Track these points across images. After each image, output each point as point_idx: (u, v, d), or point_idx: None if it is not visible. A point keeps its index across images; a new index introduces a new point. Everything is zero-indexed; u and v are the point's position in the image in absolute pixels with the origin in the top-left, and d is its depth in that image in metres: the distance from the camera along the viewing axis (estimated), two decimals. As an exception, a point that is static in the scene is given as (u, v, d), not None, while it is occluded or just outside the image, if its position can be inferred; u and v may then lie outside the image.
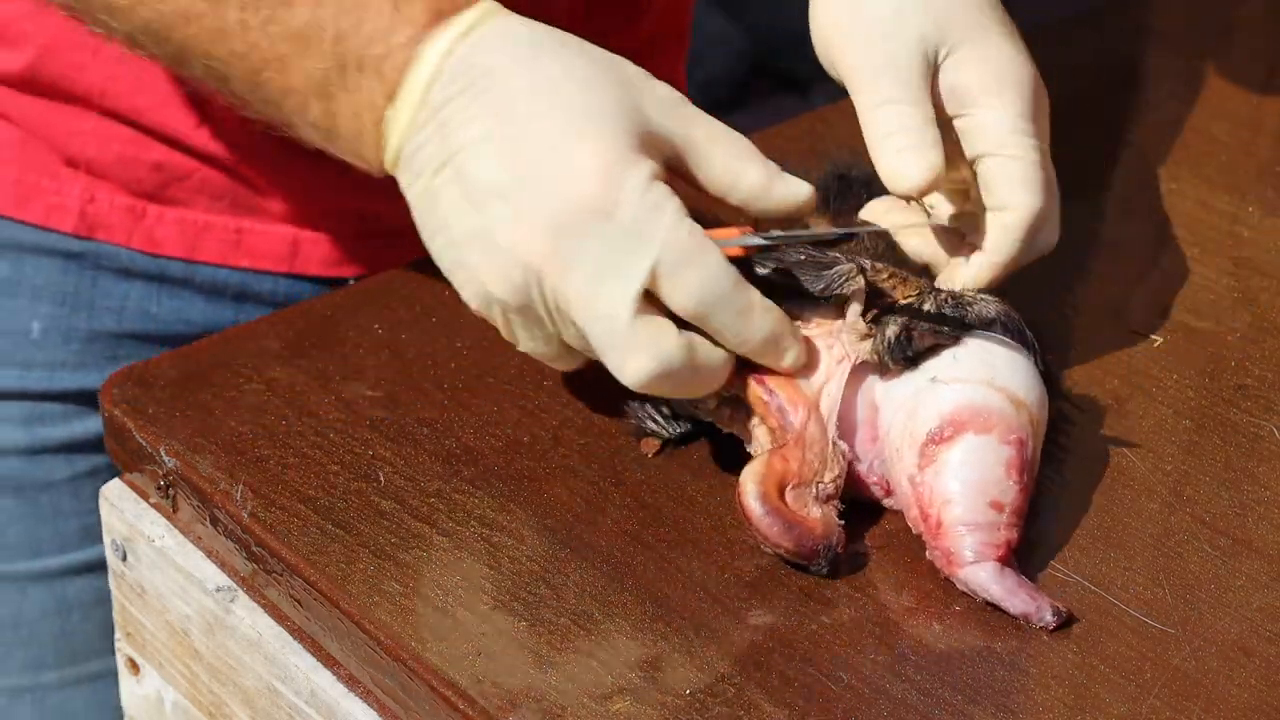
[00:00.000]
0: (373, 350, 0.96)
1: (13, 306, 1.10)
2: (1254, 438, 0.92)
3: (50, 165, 1.09)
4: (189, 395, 0.93)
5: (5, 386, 1.10)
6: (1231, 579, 0.84)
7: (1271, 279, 1.02)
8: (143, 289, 1.11)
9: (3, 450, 1.11)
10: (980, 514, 0.83)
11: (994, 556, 0.83)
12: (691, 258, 0.83)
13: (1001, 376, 0.86)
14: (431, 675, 0.80)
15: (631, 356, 0.83)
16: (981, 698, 0.79)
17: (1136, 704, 0.79)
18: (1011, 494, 0.84)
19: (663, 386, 0.85)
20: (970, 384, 0.85)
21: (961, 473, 0.84)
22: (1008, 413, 0.85)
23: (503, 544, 0.86)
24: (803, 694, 0.79)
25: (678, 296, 0.83)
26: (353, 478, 0.89)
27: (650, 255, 0.83)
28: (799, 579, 0.84)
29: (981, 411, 0.84)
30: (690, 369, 0.84)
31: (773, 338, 0.85)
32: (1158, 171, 1.11)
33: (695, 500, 0.88)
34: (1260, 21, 1.28)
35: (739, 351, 0.86)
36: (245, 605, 0.89)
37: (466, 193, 0.85)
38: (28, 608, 1.13)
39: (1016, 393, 0.86)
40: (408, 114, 0.86)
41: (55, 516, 1.12)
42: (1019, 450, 0.84)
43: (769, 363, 0.86)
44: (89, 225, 1.09)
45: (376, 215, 1.10)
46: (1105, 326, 0.99)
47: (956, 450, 0.84)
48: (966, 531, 0.83)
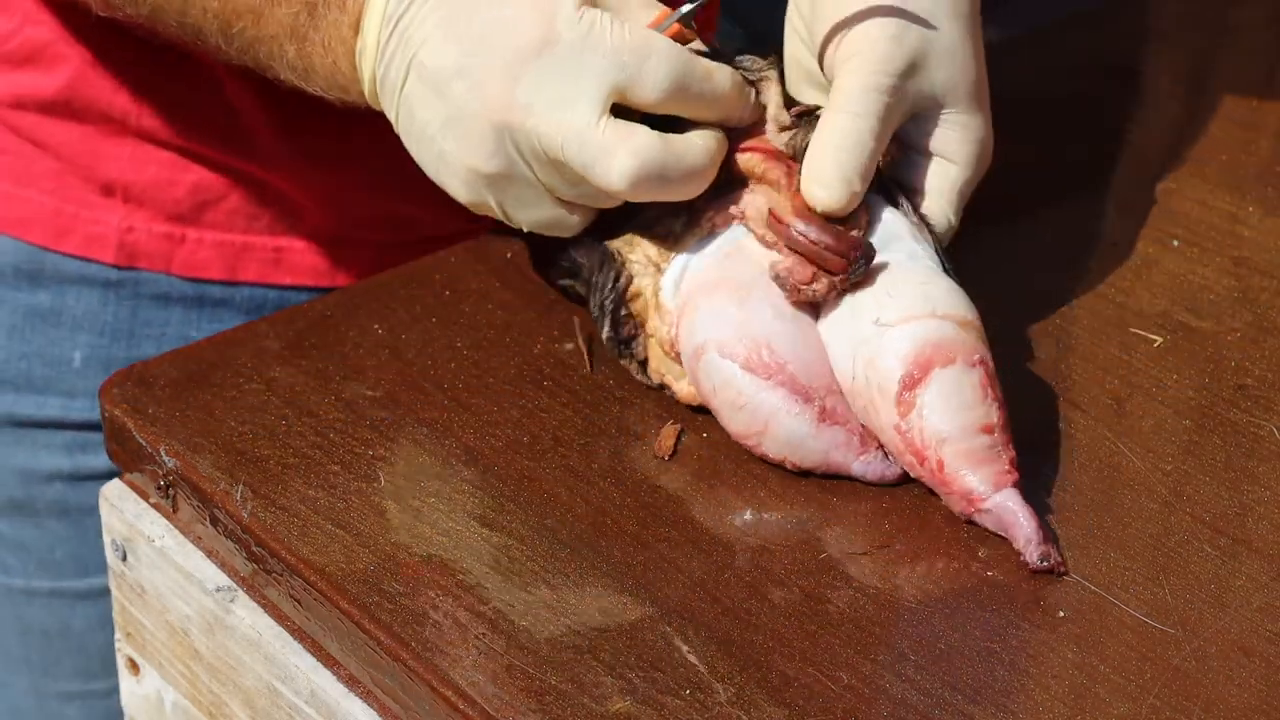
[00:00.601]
0: (373, 350, 0.96)
1: (55, 336, 1.11)
2: (1254, 438, 0.92)
3: (87, 196, 1.09)
4: (189, 395, 0.93)
5: (49, 415, 1.12)
6: (1231, 579, 0.85)
7: (1271, 279, 1.02)
8: (182, 314, 1.11)
9: (49, 476, 1.13)
10: (975, 441, 0.85)
11: (1010, 482, 0.85)
12: (644, 51, 0.87)
13: (940, 303, 0.87)
14: (431, 675, 0.80)
15: (614, 160, 0.86)
16: (981, 698, 0.79)
17: (1136, 704, 0.79)
18: (994, 413, 0.86)
19: (653, 187, 0.87)
20: (916, 321, 0.87)
21: (943, 410, 0.85)
22: (960, 337, 0.87)
23: (503, 544, 0.86)
24: (803, 694, 0.79)
25: (648, 90, 0.87)
26: (353, 478, 0.89)
27: (601, 67, 0.86)
28: (799, 579, 0.84)
29: (940, 345, 0.86)
30: (674, 158, 0.87)
31: (737, 84, 0.89)
32: (1158, 171, 1.11)
33: (695, 500, 0.88)
34: (1260, 21, 1.28)
35: (716, 115, 0.89)
36: (245, 605, 0.89)
37: (430, 85, 0.88)
38: (75, 621, 1.15)
39: (958, 313, 0.87)
40: (373, 36, 0.90)
41: (100, 539, 1.13)
42: (984, 369, 0.86)
43: (739, 112, 0.90)
44: (128, 255, 1.10)
45: (412, 221, 1.11)
46: (1105, 326, 0.99)
47: (930, 390, 0.85)
48: (972, 468, 0.85)
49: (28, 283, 1.10)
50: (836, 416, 0.88)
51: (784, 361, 0.88)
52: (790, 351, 0.88)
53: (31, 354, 1.11)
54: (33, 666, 1.16)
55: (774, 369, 0.88)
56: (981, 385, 0.86)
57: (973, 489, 0.85)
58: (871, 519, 0.87)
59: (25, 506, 1.13)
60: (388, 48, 0.90)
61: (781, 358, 0.88)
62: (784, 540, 0.86)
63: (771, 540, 0.86)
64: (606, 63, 0.86)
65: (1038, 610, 0.83)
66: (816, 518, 0.87)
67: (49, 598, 1.15)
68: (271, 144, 1.07)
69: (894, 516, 0.87)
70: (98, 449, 1.12)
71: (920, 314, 0.87)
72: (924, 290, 0.88)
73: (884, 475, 0.88)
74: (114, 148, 1.08)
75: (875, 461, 0.88)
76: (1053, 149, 1.13)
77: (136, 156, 1.08)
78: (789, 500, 0.88)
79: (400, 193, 1.03)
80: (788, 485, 0.89)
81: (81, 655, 1.16)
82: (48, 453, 1.12)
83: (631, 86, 0.87)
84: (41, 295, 1.11)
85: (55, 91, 1.07)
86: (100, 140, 1.08)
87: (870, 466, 0.88)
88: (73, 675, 1.16)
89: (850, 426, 0.88)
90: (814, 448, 0.88)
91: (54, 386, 1.12)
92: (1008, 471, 0.85)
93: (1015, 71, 1.21)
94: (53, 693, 1.17)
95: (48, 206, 1.09)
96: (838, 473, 0.89)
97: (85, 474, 1.13)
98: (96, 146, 1.08)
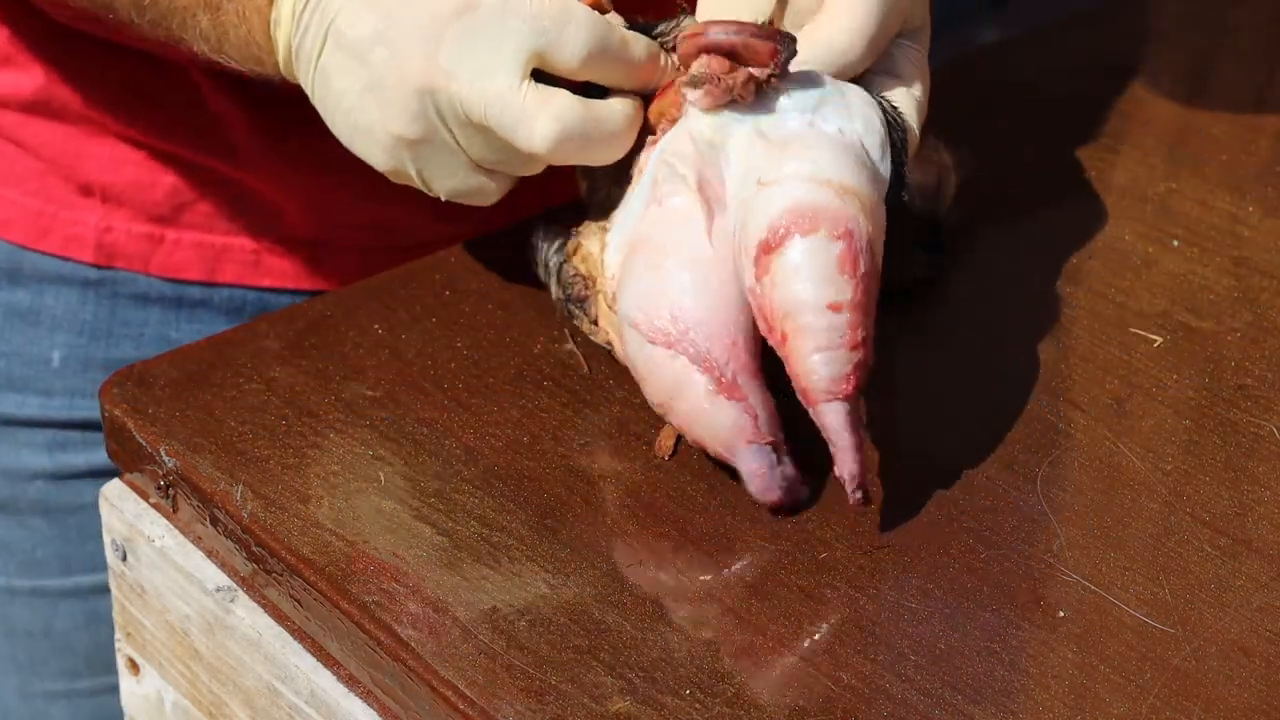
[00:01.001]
0: (373, 350, 0.96)
1: (34, 335, 1.11)
2: (1254, 438, 0.92)
3: (66, 196, 1.09)
4: (189, 395, 0.93)
5: (28, 414, 1.12)
6: (1231, 579, 0.85)
7: (1271, 279, 1.02)
8: (161, 314, 1.11)
9: (30, 475, 1.13)
10: (820, 320, 0.82)
11: (844, 391, 0.82)
12: (563, 17, 0.87)
13: (828, 168, 0.84)
14: (431, 675, 0.80)
15: (535, 124, 0.86)
16: (982, 698, 0.79)
17: (1136, 704, 0.79)
18: (848, 291, 0.82)
19: (574, 150, 0.87)
20: (793, 182, 0.84)
21: (793, 280, 0.82)
22: (833, 206, 0.83)
23: (503, 544, 0.86)
24: (803, 694, 0.79)
25: (567, 55, 0.87)
26: (353, 478, 0.89)
27: (522, 32, 0.86)
28: (799, 579, 0.84)
29: (805, 211, 0.83)
30: (595, 122, 0.87)
31: (653, 53, 0.89)
32: (1158, 171, 1.11)
33: (695, 500, 0.88)
34: (1260, 21, 1.28)
35: (634, 82, 0.89)
36: (245, 605, 0.89)
37: (349, 52, 0.88)
38: (59, 621, 1.15)
39: (843, 180, 0.84)
40: (289, 6, 0.90)
41: (84, 538, 1.13)
42: (849, 243, 0.82)
43: (656, 79, 0.89)
44: (107, 254, 1.10)
45: (394, 227, 1.10)
46: (1105, 326, 0.99)
47: (784, 256, 0.82)
48: (812, 350, 0.82)
49: (6, 282, 1.10)
50: (735, 392, 0.85)
51: (687, 328, 0.85)
52: (697, 318, 0.85)
53: (10, 353, 1.11)
54: (18, 666, 1.16)
55: (676, 337, 0.85)
56: (841, 259, 0.82)
57: (808, 384, 0.82)
58: (871, 519, 0.87)
59: (6, 505, 1.13)
60: (303, 17, 0.90)
61: (686, 324, 0.85)
62: (784, 540, 0.86)
63: (771, 540, 0.86)
64: (527, 28, 0.86)
65: (1038, 610, 0.83)
66: (816, 518, 0.87)
67: (31, 597, 1.15)
68: (251, 146, 1.07)
69: (893, 516, 0.87)
70: (78, 447, 1.12)
71: (800, 176, 0.84)
72: (814, 155, 0.84)
73: (767, 484, 0.85)
74: (93, 148, 1.08)
75: (763, 458, 0.85)
76: (1053, 149, 1.13)
77: (115, 157, 1.08)
78: (789, 500, 0.88)
79: (382, 197, 1.03)
80: (788, 485, 0.89)
81: (66, 655, 1.15)
82: (28, 451, 1.12)
83: (552, 51, 0.87)
84: (20, 294, 1.10)
85: (33, 91, 1.07)
86: (80, 140, 1.08)
87: (758, 460, 0.85)
88: (58, 675, 1.16)
89: (747, 406, 0.85)
90: (708, 423, 0.85)
91: (32, 385, 1.12)
92: (849, 375, 0.81)
93: (1015, 71, 1.21)
94: (38, 692, 1.16)
95: (29, 207, 1.09)
96: (729, 460, 0.86)
97: (66, 473, 1.13)
98: (76, 147, 1.08)
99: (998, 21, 2.61)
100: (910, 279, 0.99)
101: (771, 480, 0.86)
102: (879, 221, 0.85)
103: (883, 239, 0.85)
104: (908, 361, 0.96)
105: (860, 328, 0.82)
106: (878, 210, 0.85)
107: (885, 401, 0.94)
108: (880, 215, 0.86)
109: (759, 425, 0.85)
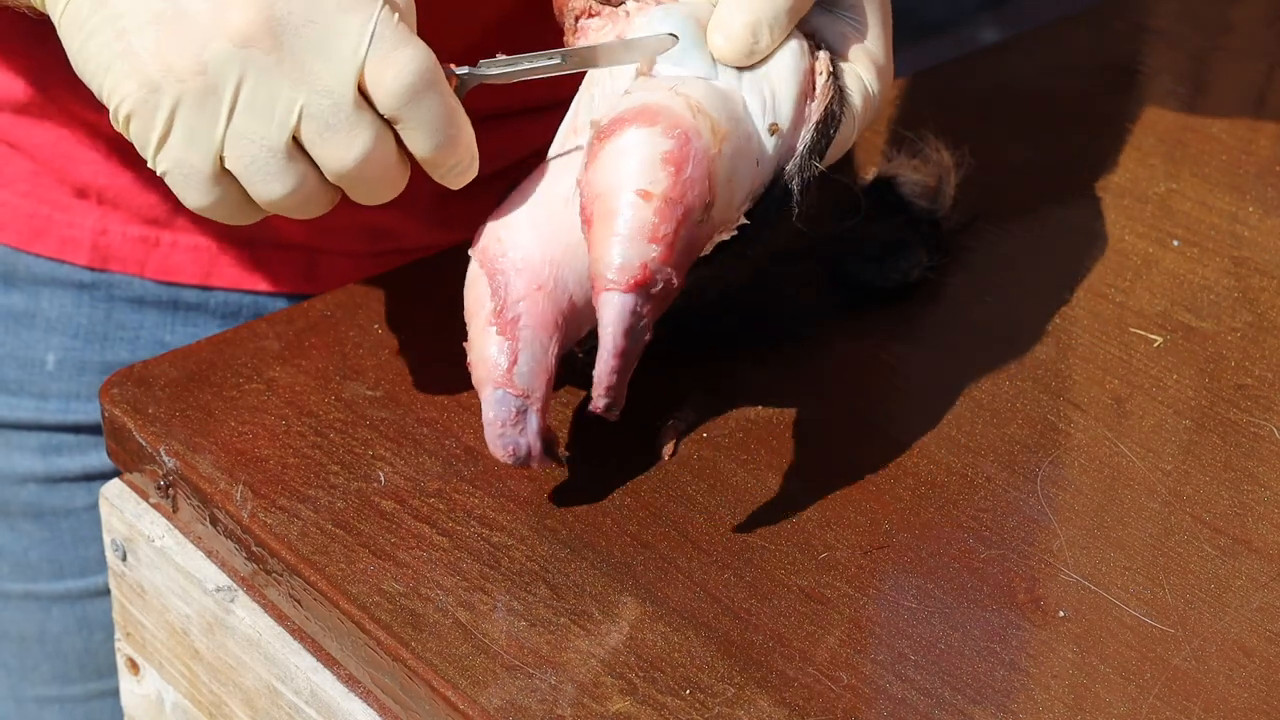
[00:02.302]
0: (373, 350, 0.96)
1: (29, 338, 1.11)
2: (1254, 438, 0.92)
3: (62, 198, 1.09)
4: (189, 395, 0.93)
5: (22, 418, 1.11)
6: (1231, 579, 0.85)
7: (1271, 279, 1.02)
8: (156, 317, 1.11)
9: (22, 478, 1.12)
10: (629, 206, 0.79)
11: (627, 283, 0.79)
12: (403, 40, 0.81)
13: (693, 91, 0.82)
14: (431, 675, 0.80)
15: (357, 136, 0.81)
16: (982, 698, 0.79)
17: (1136, 704, 0.79)
18: (663, 184, 0.79)
19: (371, 175, 0.83)
20: (650, 89, 0.82)
21: (612, 162, 0.79)
22: (680, 111, 0.80)
23: (503, 544, 0.86)
24: (803, 694, 0.79)
25: (389, 78, 0.81)
26: (353, 478, 0.89)
27: (367, 31, 0.80)
28: (799, 579, 0.84)
29: (650, 108, 0.81)
30: (397, 159, 0.83)
31: (468, 146, 0.84)
32: (1158, 171, 1.11)
33: (695, 500, 0.88)
34: (1260, 21, 1.28)
35: (423, 152, 0.83)
36: (245, 605, 0.89)
37: None
38: (51, 625, 1.14)
39: (701, 103, 0.81)
40: None
41: (76, 543, 1.13)
42: (681, 144, 0.79)
43: (442, 176, 0.84)
44: (102, 257, 1.09)
45: (389, 232, 1.10)
46: (1105, 326, 0.99)
47: (613, 142, 0.80)
48: (612, 247, 0.79)
49: (1, 284, 1.10)
50: (508, 330, 0.82)
51: (503, 252, 0.83)
52: (516, 245, 0.83)
53: (5, 355, 1.11)
54: (10, 671, 1.16)
55: (491, 259, 0.83)
56: (666, 155, 0.79)
57: (595, 270, 0.79)
58: (871, 519, 0.87)
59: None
60: None
61: (504, 248, 0.83)
62: (784, 540, 0.86)
63: (771, 540, 0.86)
64: (370, 29, 0.81)
65: (1038, 610, 0.83)
66: (816, 518, 0.87)
67: (23, 601, 1.14)
68: None
69: (893, 516, 0.87)
70: (71, 451, 1.12)
71: (659, 88, 0.82)
72: (683, 82, 0.82)
73: (496, 435, 0.82)
74: (88, 150, 1.08)
75: (503, 408, 0.82)
76: (1053, 149, 1.13)
77: (111, 159, 1.08)
78: (789, 500, 0.88)
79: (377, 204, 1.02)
80: (788, 485, 0.89)
81: (58, 659, 1.15)
82: (21, 455, 1.12)
83: (372, 69, 0.81)
84: (15, 297, 1.10)
85: (28, 94, 1.07)
86: (75, 143, 1.08)
87: (496, 408, 0.82)
88: (50, 680, 1.16)
89: (511, 348, 0.83)
90: (474, 353, 0.83)
91: (27, 388, 1.11)
92: (639, 268, 0.78)
93: (1015, 71, 1.21)
94: (30, 697, 1.16)
95: (23, 209, 1.09)
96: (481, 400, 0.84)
97: (59, 476, 1.12)
98: (71, 149, 1.08)
99: (998, 21, 2.62)
100: (910, 279, 1.00)
101: (503, 435, 0.83)
102: (729, 159, 0.81)
103: (737, 184, 0.82)
104: (907, 361, 0.96)
105: (667, 223, 0.79)
106: (732, 147, 0.81)
107: (885, 401, 0.94)
108: (735, 158, 0.82)
109: (513, 373, 0.83)
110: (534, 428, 0.84)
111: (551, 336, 0.84)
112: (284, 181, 0.83)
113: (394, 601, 0.83)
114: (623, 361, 0.80)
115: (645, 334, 0.80)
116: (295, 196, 0.84)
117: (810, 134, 0.85)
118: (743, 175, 0.83)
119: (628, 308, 0.79)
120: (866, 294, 0.99)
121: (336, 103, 0.81)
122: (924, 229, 1.01)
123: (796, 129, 0.85)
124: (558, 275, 0.83)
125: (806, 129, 0.85)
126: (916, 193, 1.02)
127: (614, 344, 0.80)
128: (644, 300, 0.79)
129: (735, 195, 0.83)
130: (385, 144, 0.83)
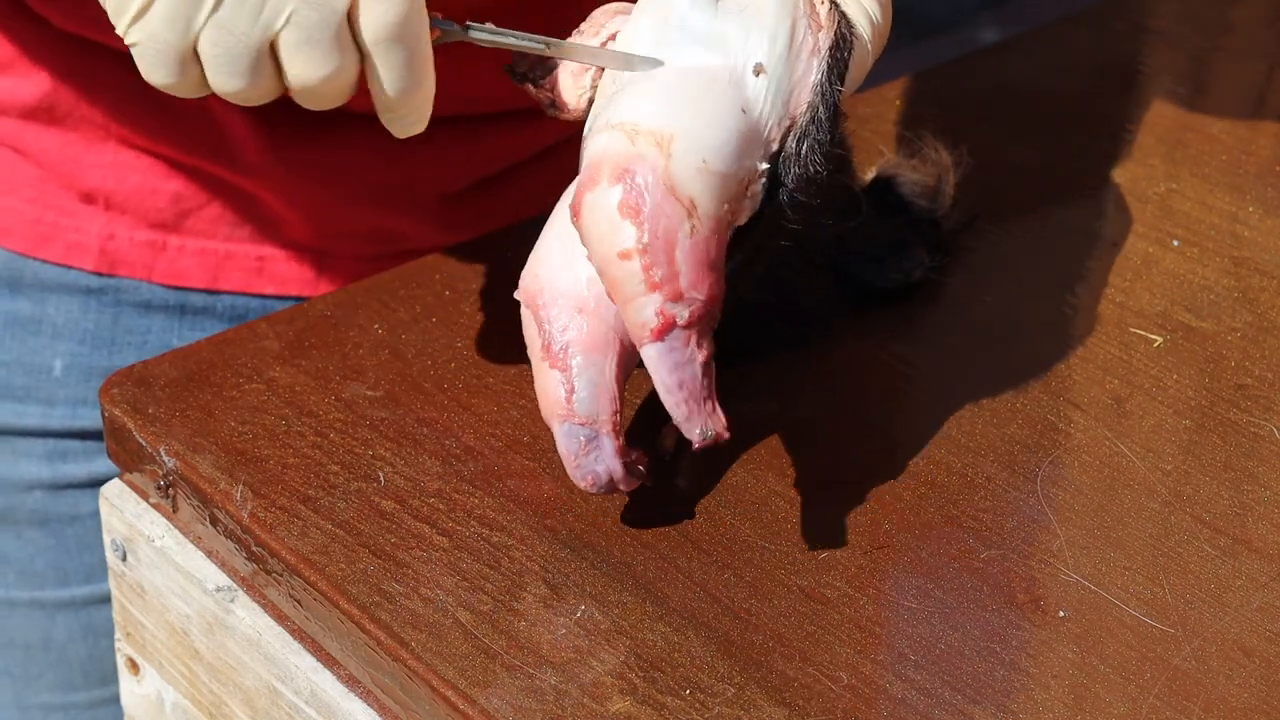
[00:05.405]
0: (373, 350, 0.96)
1: (35, 344, 1.11)
2: (1254, 438, 0.92)
3: (68, 203, 1.09)
4: (189, 395, 0.93)
5: (28, 424, 1.11)
6: (1231, 579, 0.85)
7: (1271, 279, 1.02)
8: (164, 322, 1.11)
9: (28, 485, 1.12)
10: (615, 270, 0.79)
11: (652, 335, 0.79)
12: None
13: (623, 110, 0.81)
14: (431, 675, 0.80)
15: (330, 56, 0.81)
16: (982, 698, 0.79)
17: (1136, 704, 0.79)
18: (631, 235, 0.79)
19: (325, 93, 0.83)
20: (601, 133, 0.81)
21: (587, 239, 0.80)
22: (617, 150, 0.79)
23: (503, 544, 0.86)
24: (803, 694, 0.79)
25: (378, 11, 0.81)
26: (353, 478, 0.89)
27: None
28: (799, 579, 0.84)
29: (592, 164, 0.80)
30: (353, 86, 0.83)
31: (425, 100, 0.84)
32: (1158, 171, 1.11)
33: (695, 500, 0.88)
34: (1260, 21, 1.28)
35: (381, 93, 0.83)
36: (245, 605, 0.89)
37: None
38: (56, 633, 1.14)
39: (635, 122, 0.80)
40: None
41: (81, 549, 1.13)
42: (629, 187, 0.79)
43: (390, 121, 0.85)
44: (109, 262, 1.09)
45: (396, 234, 1.10)
46: (1105, 326, 0.99)
47: (580, 219, 0.80)
48: (628, 312, 0.79)
49: (8, 290, 1.10)
50: (557, 361, 0.83)
51: (541, 288, 0.83)
52: (548, 277, 0.83)
53: (11, 362, 1.11)
54: (15, 679, 1.16)
55: (531, 296, 0.84)
56: (622, 206, 0.79)
57: (629, 333, 0.80)
58: (871, 519, 0.87)
59: (4, 516, 1.13)
60: None
61: (541, 284, 0.83)
62: (784, 540, 0.86)
63: (771, 540, 0.86)
64: None
65: (1038, 610, 0.83)
66: (816, 518, 0.87)
67: (29, 608, 1.14)
68: (254, 154, 1.07)
69: (893, 516, 0.87)
70: (78, 458, 1.12)
71: (605, 125, 0.81)
72: (616, 100, 0.82)
73: (574, 466, 0.83)
74: (95, 155, 1.08)
75: (573, 439, 0.83)
76: (1053, 149, 1.13)
77: (118, 164, 1.08)
78: (789, 500, 0.88)
79: (384, 206, 1.02)
80: (788, 485, 0.89)
81: (63, 667, 1.15)
82: (27, 461, 1.12)
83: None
84: (22, 303, 1.10)
85: (35, 98, 1.07)
86: (82, 147, 1.08)
87: (565, 440, 0.83)
88: (54, 687, 1.15)
89: (565, 378, 0.83)
90: (538, 388, 0.83)
91: (34, 395, 1.11)
92: (653, 317, 0.79)
93: (1015, 71, 1.21)
94: (34, 705, 1.16)
95: (28, 214, 1.09)
96: (552, 433, 0.84)
97: (65, 483, 1.12)
98: (78, 154, 1.08)
99: (998, 21, 2.62)
100: (911, 279, 1.00)
101: (580, 466, 0.84)
102: (687, 151, 0.80)
103: (718, 158, 0.80)
104: (906, 361, 0.96)
105: (658, 265, 0.79)
106: (688, 132, 0.80)
107: (885, 401, 0.94)
108: (699, 137, 0.80)
109: (572, 403, 0.83)
110: (609, 451, 0.84)
111: (606, 355, 0.84)
112: (247, 79, 0.83)
113: (394, 601, 0.83)
114: (685, 392, 0.80)
115: (699, 355, 0.81)
116: (248, 93, 0.84)
117: (825, 60, 0.84)
118: (721, 142, 0.81)
119: (664, 353, 0.80)
120: (867, 294, 1.00)
121: (324, 18, 0.81)
122: (924, 229, 1.01)
123: (798, 61, 0.84)
124: (598, 293, 0.83)
125: (819, 58, 0.84)
126: (916, 193, 1.02)
127: (665, 384, 0.80)
128: (677, 337, 0.80)
129: (723, 165, 0.81)
130: (350, 71, 0.83)
